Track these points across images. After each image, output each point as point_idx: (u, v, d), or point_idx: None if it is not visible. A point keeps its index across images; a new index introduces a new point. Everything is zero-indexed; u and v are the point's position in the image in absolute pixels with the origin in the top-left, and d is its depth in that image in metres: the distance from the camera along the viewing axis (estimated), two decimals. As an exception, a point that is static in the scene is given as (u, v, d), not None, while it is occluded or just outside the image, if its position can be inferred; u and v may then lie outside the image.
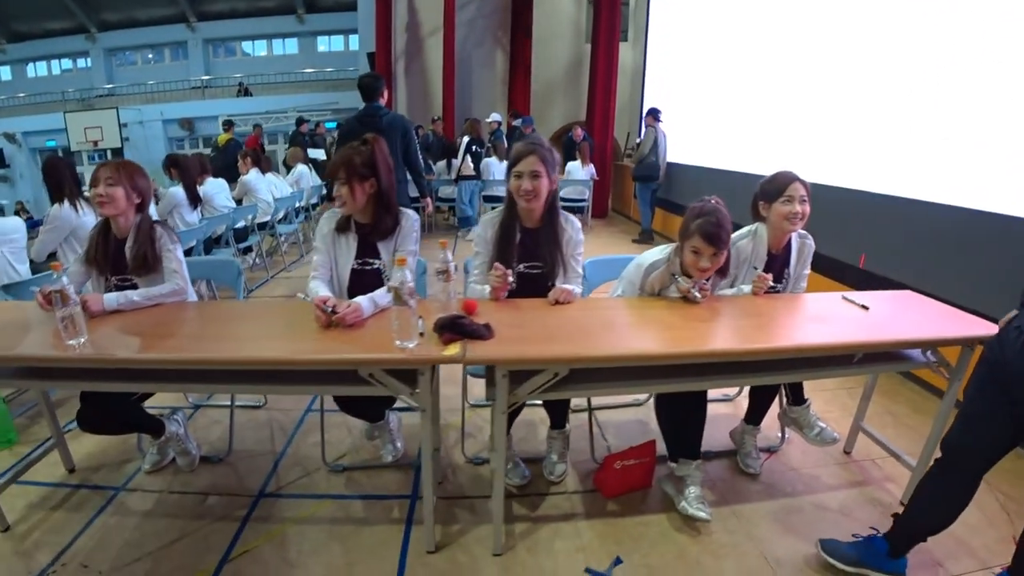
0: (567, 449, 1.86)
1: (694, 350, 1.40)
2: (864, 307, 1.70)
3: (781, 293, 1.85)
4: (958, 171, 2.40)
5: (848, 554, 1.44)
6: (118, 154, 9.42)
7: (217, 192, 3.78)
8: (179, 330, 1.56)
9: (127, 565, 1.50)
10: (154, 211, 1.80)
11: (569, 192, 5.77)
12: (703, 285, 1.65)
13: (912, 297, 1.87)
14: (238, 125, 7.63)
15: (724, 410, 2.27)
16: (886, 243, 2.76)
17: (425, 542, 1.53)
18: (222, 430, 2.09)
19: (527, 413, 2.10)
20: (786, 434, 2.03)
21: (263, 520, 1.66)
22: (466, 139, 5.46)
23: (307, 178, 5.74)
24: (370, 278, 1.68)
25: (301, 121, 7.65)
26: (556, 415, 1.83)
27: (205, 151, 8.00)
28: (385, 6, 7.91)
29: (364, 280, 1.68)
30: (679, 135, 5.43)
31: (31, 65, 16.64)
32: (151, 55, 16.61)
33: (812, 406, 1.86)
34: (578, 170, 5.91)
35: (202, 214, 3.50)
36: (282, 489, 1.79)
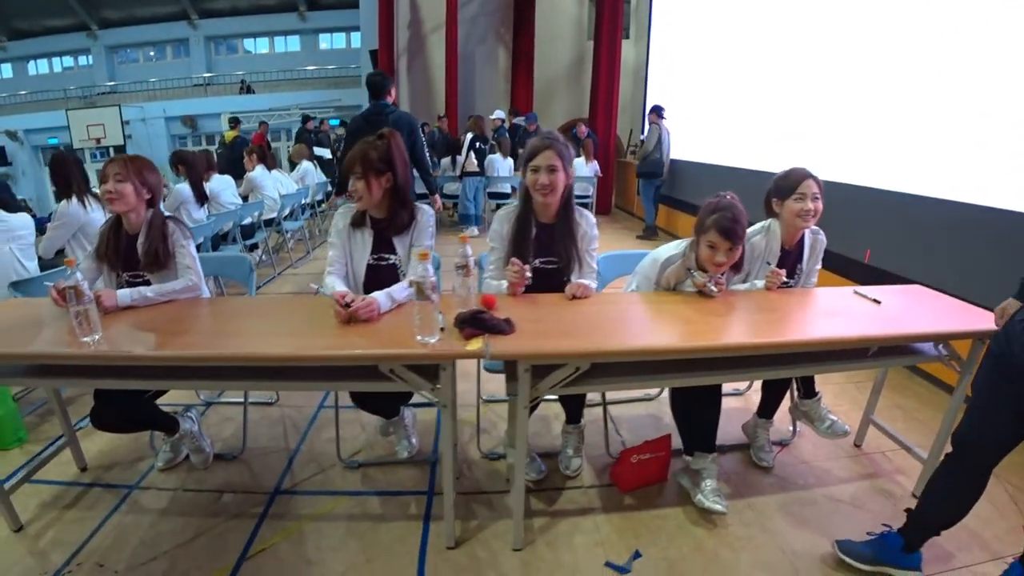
0: (582, 443, 1.87)
1: (713, 344, 1.41)
2: (876, 301, 1.71)
3: (793, 288, 1.86)
4: (962, 167, 2.42)
5: (864, 552, 1.45)
6: (121, 151, 9.35)
7: (224, 189, 3.76)
8: (194, 326, 1.54)
9: (143, 564, 1.49)
10: (160, 208, 1.79)
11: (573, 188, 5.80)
12: (718, 279, 1.66)
13: (922, 291, 1.89)
14: (242, 122, 7.63)
15: (735, 404, 2.28)
16: (891, 239, 2.78)
17: (445, 538, 1.53)
18: (235, 427, 2.08)
19: (541, 408, 2.11)
20: (797, 427, 2.04)
21: (280, 517, 1.66)
22: (470, 136, 5.46)
23: (312, 175, 5.73)
24: (386, 273, 1.68)
25: (307, 118, 7.68)
26: (572, 410, 1.83)
27: (208, 148, 8.03)
28: (387, 3, 7.89)
29: (380, 275, 1.67)
30: (682, 132, 5.44)
31: (32, 62, 16.60)
32: (153, 53, 16.61)
33: (822, 400, 1.88)
34: (582, 167, 5.92)
35: (209, 211, 3.48)
36: (297, 486, 1.79)
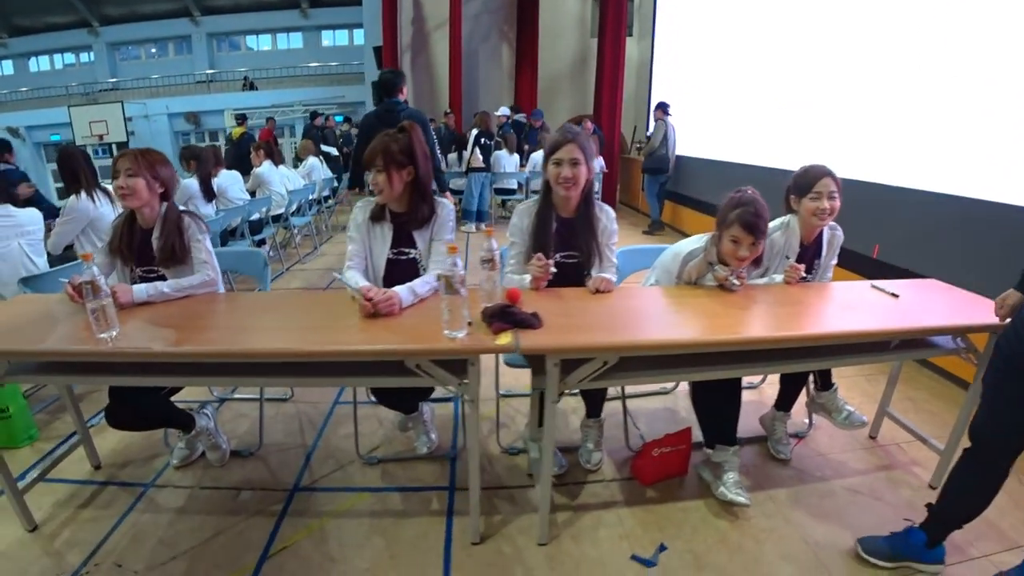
0: (602, 437, 1.87)
1: (740, 337, 1.41)
2: (894, 295, 1.72)
3: (811, 282, 1.87)
4: (971, 163, 2.43)
5: (887, 550, 1.45)
6: (124, 148, 9.26)
7: (231, 184, 3.74)
8: (213, 322, 1.52)
9: (163, 564, 1.47)
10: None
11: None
12: (740, 273, 1.66)
13: (936, 285, 1.90)
14: (248, 119, 7.67)
15: (749, 397, 2.29)
16: (899, 234, 2.80)
17: (470, 533, 1.52)
18: (249, 423, 2.06)
19: (559, 403, 2.10)
20: (813, 420, 2.06)
21: (300, 515, 1.64)
22: (475, 131, 5.45)
23: (319, 170, 5.72)
24: (406, 267, 1.66)
25: (315, 115, 7.72)
26: (593, 404, 1.83)
27: (215, 144, 8.05)
28: (391, 0, 7.85)
29: (400, 269, 1.66)
30: (687, 128, 5.46)
31: (33, 59, 16.50)
32: (155, 49, 16.58)
33: (838, 391, 1.89)
34: (588, 162, 5.94)
35: (216, 206, 3.45)
36: (316, 483, 1.77)
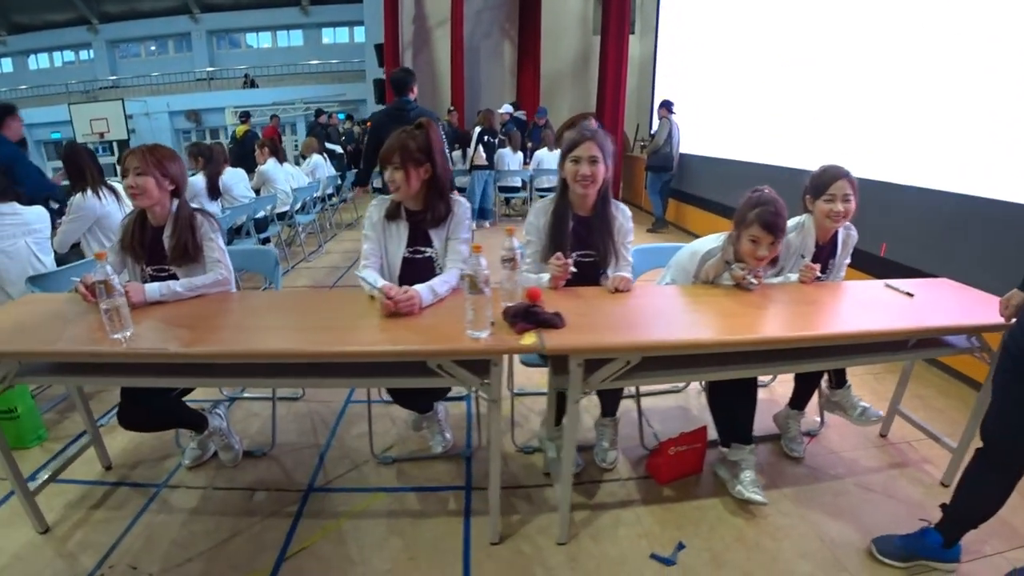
0: (617, 436, 1.87)
1: (762, 337, 1.41)
2: (909, 294, 1.73)
3: (825, 281, 1.87)
4: (976, 161, 2.44)
5: (903, 551, 1.45)
6: (124, 146, 9.19)
7: (236, 182, 3.71)
8: (227, 321, 1.50)
9: (179, 566, 1.45)
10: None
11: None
12: (757, 273, 1.66)
13: (948, 284, 1.91)
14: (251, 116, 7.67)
15: (760, 395, 2.23)
16: (905, 232, 2.81)
17: (489, 533, 1.52)
18: (260, 423, 2.04)
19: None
20: (824, 418, 2.07)
21: (316, 515, 1.63)
22: (478, 129, 5.43)
23: (322, 168, 5.71)
24: (422, 266, 1.65)
25: (320, 112, 7.76)
26: (609, 403, 1.83)
27: (220, 142, 8.06)
28: (392, -2, 7.83)
29: (416, 268, 1.64)
30: (690, 126, 5.47)
31: (33, 57, 16.50)
32: (154, 47, 16.60)
33: (851, 387, 1.90)
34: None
35: (222, 204, 3.42)
36: (331, 483, 1.76)
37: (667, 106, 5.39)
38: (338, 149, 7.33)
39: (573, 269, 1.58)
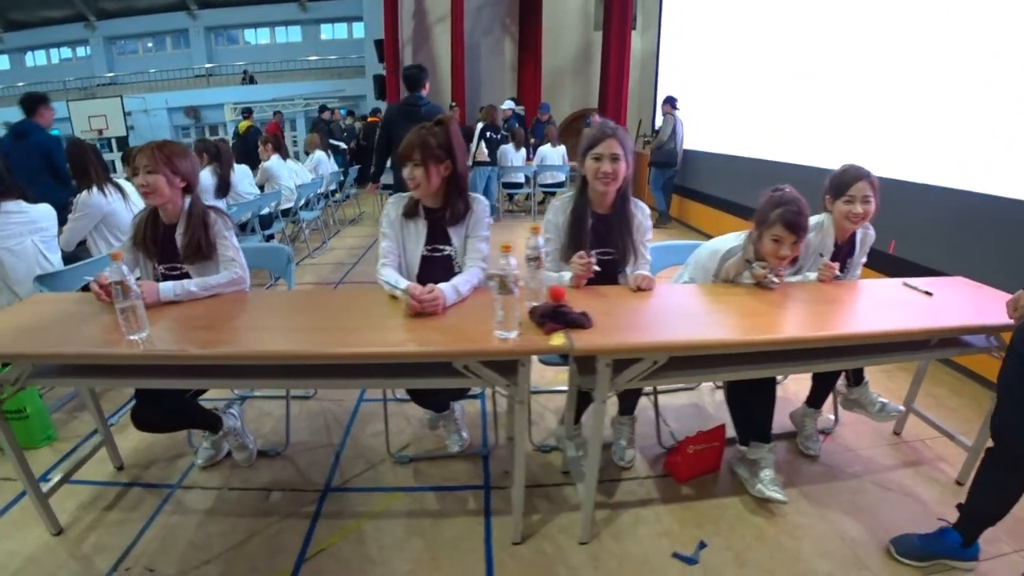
0: (634, 434, 1.87)
1: (786, 336, 1.40)
2: (928, 293, 1.73)
3: (842, 279, 1.87)
4: (987, 158, 2.45)
5: (922, 550, 1.46)
6: (123, 143, 9.10)
7: (241, 179, 3.67)
8: (246, 322, 1.48)
9: (196, 568, 1.44)
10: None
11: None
12: (779, 272, 1.65)
13: (965, 283, 1.91)
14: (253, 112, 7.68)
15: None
16: (915, 229, 2.81)
17: (511, 533, 1.51)
18: (273, 422, 2.02)
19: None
20: (839, 415, 2.07)
21: (334, 516, 1.62)
22: (480, 125, 5.39)
23: (325, 164, 5.67)
24: (441, 265, 1.63)
25: (324, 108, 7.81)
26: (628, 402, 1.83)
27: (224, 138, 8.02)
28: (392, -7, 7.78)
29: (434, 266, 1.62)
30: (694, 122, 5.45)
31: (30, 54, 16.31)
32: (152, 44, 16.44)
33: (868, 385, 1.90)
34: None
35: (227, 201, 3.37)
36: (348, 483, 1.75)
37: (671, 102, 5.39)
38: (342, 145, 7.34)
39: (596, 268, 1.57)
